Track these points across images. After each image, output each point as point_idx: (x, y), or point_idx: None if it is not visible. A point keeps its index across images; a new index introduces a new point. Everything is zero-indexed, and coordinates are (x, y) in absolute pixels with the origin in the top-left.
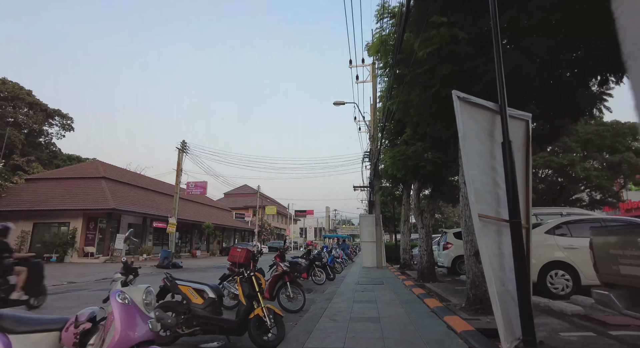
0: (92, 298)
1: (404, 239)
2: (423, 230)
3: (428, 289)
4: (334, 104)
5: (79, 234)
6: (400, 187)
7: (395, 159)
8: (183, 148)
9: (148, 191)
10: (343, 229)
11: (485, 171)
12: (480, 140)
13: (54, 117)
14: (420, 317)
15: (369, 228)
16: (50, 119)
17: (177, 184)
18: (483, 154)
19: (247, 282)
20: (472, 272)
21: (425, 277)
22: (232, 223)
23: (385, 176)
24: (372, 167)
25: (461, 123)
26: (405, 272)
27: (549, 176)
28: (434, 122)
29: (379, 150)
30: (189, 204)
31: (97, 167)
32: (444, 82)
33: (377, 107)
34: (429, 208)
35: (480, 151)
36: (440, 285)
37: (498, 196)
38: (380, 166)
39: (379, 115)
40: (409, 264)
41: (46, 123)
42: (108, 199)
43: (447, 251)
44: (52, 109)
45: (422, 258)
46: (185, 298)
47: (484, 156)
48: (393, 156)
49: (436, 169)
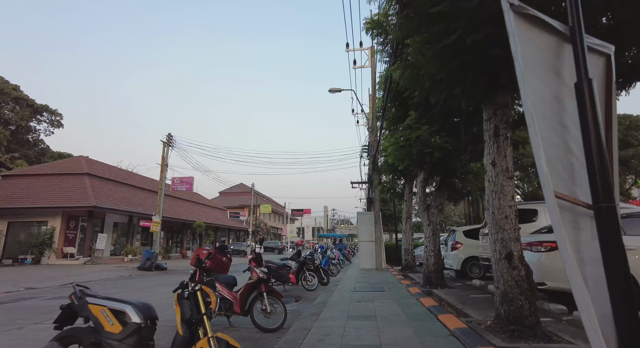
0: (39, 310)
1: (406, 238)
2: (429, 227)
3: (438, 297)
4: (329, 91)
5: (58, 234)
6: (402, 181)
7: (398, 146)
8: (169, 142)
9: (136, 189)
10: (342, 229)
11: (554, 127)
12: (543, 79)
13: (41, 113)
14: (438, 344)
15: (367, 226)
16: (38, 115)
17: (162, 180)
18: (549, 102)
19: (188, 301)
20: (504, 281)
21: (433, 282)
22: (226, 222)
23: (386, 171)
24: (370, 160)
25: (518, 50)
26: (407, 275)
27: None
28: (452, 85)
29: (378, 141)
30: (180, 202)
31: (81, 163)
32: (469, 26)
33: (376, 96)
34: (436, 203)
35: (545, 95)
36: (450, 291)
37: (572, 168)
38: (380, 159)
39: (379, 103)
40: (411, 266)
41: (34, 119)
42: (89, 197)
43: (456, 252)
44: (39, 105)
45: (429, 260)
46: (96, 324)
47: (551, 104)
48: (395, 141)
49: (445, 157)
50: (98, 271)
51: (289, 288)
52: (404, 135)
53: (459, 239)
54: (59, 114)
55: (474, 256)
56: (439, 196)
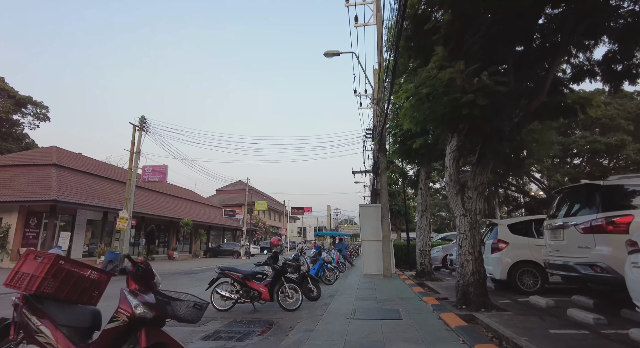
0: None
1: (421, 236)
2: (465, 218)
3: (492, 331)
4: (324, 55)
5: (13, 232)
6: (413, 169)
7: (416, 100)
8: (142, 126)
9: (115, 183)
10: (345, 228)
11: None
12: None
13: (25, 106)
14: None
15: (372, 222)
16: (22, 108)
17: (131, 169)
18: None
19: None
20: None
21: (472, 300)
22: (221, 221)
23: (395, 153)
24: (376, 139)
25: None
26: (424, 283)
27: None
28: None
29: (386, 113)
30: (168, 199)
31: (51, 153)
32: None
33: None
34: (476, 182)
35: None
36: (506, 318)
37: None
38: (388, 140)
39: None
40: (429, 272)
41: (18, 113)
42: (52, 189)
43: (498, 255)
44: (22, 96)
45: (465, 266)
46: None
47: None
48: (414, 91)
49: (493, 106)
50: None
51: (261, 307)
52: (428, 79)
53: (503, 236)
54: (44, 107)
55: (527, 261)
56: (479, 171)
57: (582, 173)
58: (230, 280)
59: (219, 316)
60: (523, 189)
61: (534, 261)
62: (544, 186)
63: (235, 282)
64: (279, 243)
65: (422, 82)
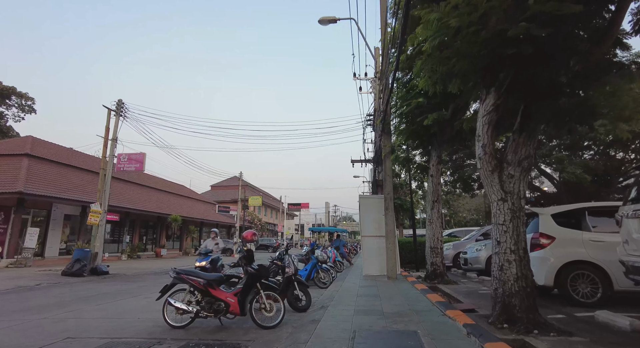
0: None
1: (432, 231)
2: (505, 204)
3: None
4: (319, 22)
5: None
6: (419, 155)
7: (448, 31)
8: (119, 110)
9: (96, 175)
10: (344, 226)
11: None
12: None
13: (10, 97)
14: None
15: (373, 215)
16: (6, 100)
17: (105, 157)
18: None
19: None
20: None
21: (516, 315)
22: (214, 217)
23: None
24: (379, 118)
25: None
26: (438, 287)
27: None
28: None
29: (391, 88)
30: (158, 193)
31: (26, 143)
32: None
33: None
34: (519, 156)
35: None
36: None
37: None
38: (393, 121)
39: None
40: (441, 273)
41: (2, 104)
42: (19, 181)
43: (540, 254)
44: (5, 86)
45: (505, 269)
46: None
47: None
48: (437, 27)
49: (554, 44)
50: (10, 278)
51: (230, 322)
52: (462, 2)
53: (547, 229)
54: (30, 99)
55: (581, 262)
56: (524, 141)
57: (601, 164)
58: (189, 286)
59: (170, 336)
60: (532, 184)
61: (592, 263)
62: (554, 182)
63: (195, 290)
64: (253, 239)
65: (446, 18)
